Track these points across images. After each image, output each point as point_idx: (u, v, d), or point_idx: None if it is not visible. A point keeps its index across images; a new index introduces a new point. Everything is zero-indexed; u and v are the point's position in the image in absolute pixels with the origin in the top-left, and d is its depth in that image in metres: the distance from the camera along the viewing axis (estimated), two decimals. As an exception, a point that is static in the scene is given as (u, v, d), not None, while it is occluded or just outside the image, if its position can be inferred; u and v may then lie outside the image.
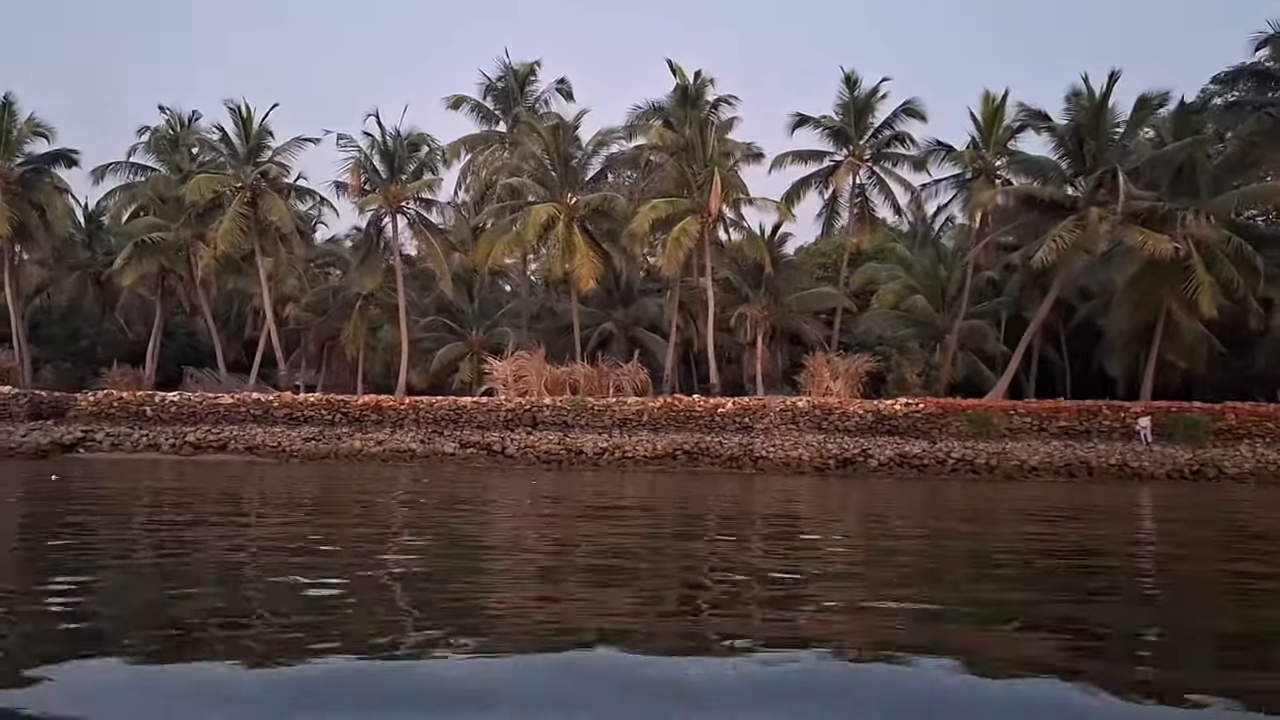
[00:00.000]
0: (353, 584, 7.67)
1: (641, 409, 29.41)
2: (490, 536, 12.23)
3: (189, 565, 8.90)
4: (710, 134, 31.16)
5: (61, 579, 7.82)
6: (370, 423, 30.77)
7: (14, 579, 8.03)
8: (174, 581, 8.03)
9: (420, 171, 34.23)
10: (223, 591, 7.46)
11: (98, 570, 8.50)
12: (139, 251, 34.64)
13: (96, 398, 31.59)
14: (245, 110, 32.27)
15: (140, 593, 7.59)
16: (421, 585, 7.89)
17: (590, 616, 6.54)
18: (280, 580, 7.91)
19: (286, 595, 7.23)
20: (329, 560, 9.19)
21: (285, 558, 9.30)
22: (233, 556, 9.43)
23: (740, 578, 8.43)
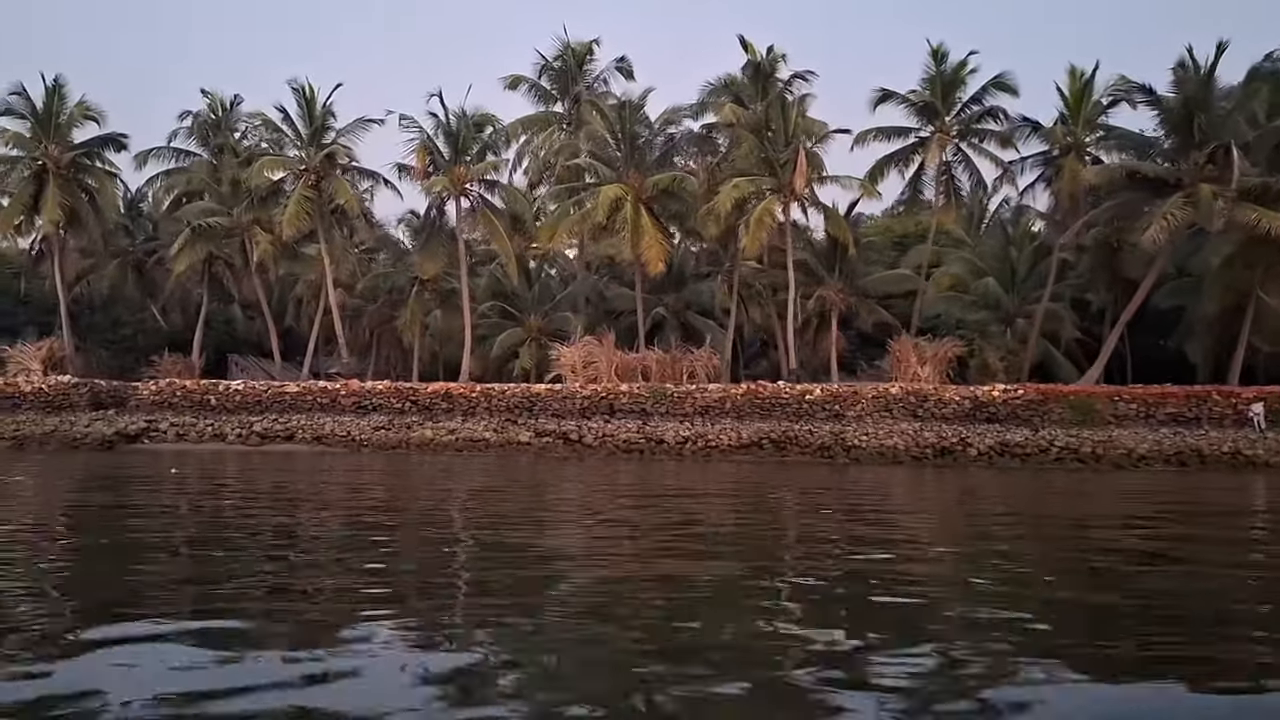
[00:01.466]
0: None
1: (724, 396, 28.71)
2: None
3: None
4: (793, 111, 30.29)
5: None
6: (440, 411, 30.24)
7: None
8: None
9: (483, 153, 33.55)
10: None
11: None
12: (195, 237, 34.19)
13: (158, 387, 31.20)
14: (308, 91, 31.67)
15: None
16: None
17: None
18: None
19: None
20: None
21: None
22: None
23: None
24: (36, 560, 8.52)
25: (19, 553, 8.89)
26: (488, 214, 33.48)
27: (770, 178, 29.95)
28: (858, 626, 6.00)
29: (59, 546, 9.60)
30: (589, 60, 38.56)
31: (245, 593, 6.96)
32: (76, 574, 7.95)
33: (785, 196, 29.78)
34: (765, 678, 4.68)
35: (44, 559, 8.66)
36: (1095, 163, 31.76)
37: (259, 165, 31.26)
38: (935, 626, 6.02)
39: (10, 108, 35.91)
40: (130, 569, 7.94)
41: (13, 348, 34.83)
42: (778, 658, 5.11)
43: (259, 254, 34.03)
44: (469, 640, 5.65)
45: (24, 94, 36.06)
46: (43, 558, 8.72)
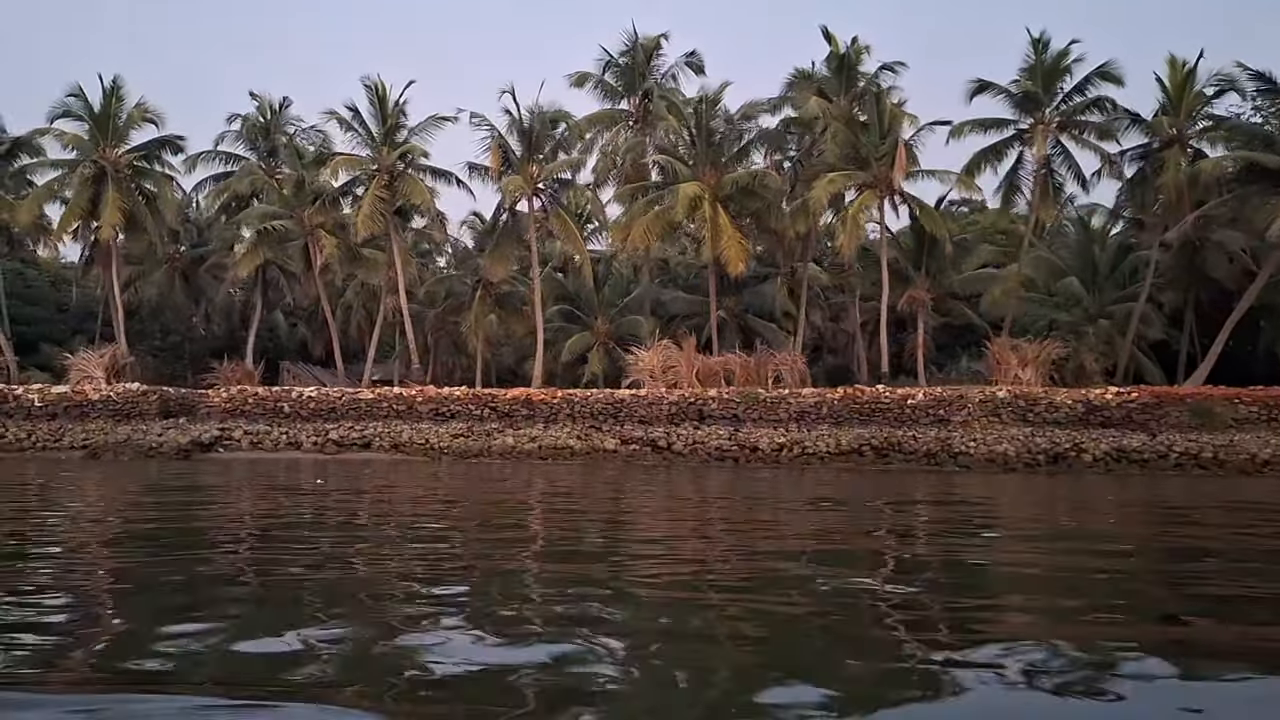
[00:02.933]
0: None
1: (820, 400, 28.06)
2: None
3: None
4: (886, 103, 29.69)
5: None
6: (521, 418, 29.73)
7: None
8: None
9: (556, 151, 33.11)
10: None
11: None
12: (260, 240, 33.91)
13: (229, 394, 30.88)
14: (381, 88, 31.32)
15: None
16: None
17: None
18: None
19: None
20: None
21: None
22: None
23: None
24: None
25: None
26: (561, 214, 33.02)
27: (862, 172, 29.32)
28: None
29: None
30: (657, 55, 38.08)
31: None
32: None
33: (881, 191, 29.12)
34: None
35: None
36: (1199, 156, 30.99)
37: (334, 164, 30.86)
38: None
39: (69, 109, 35.84)
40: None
41: (73, 355, 34.64)
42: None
43: (325, 257, 33.64)
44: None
45: (81, 95, 35.97)
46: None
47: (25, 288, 49.09)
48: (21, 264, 49.14)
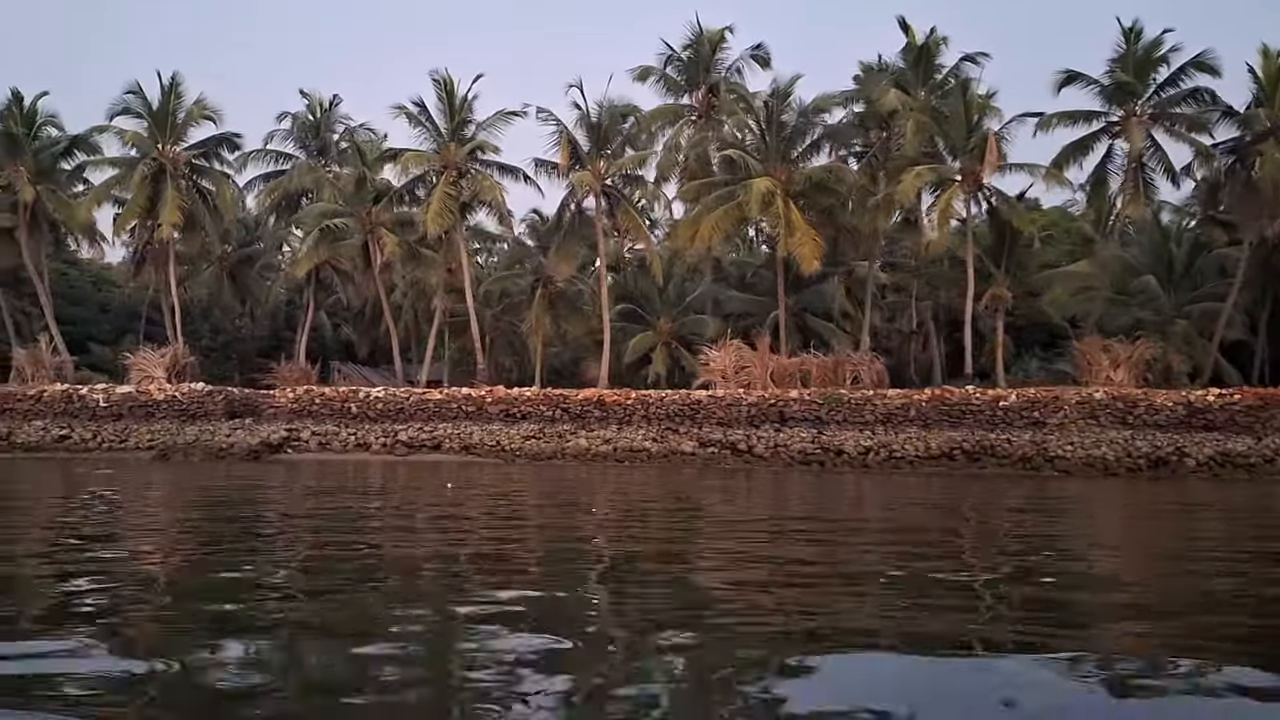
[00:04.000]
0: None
1: (907, 403, 27.52)
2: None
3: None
4: (973, 95, 29.13)
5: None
6: (593, 419, 29.38)
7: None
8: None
9: (624, 146, 32.75)
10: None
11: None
12: (322, 238, 33.77)
13: (296, 394, 30.72)
14: (449, 83, 31.07)
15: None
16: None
17: None
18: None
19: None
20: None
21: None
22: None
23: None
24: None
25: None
26: (630, 210, 32.66)
27: (949, 165, 28.76)
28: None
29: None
30: (721, 49, 37.61)
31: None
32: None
33: (969, 186, 28.56)
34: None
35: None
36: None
37: (403, 160, 30.63)
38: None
39: (128, 106, 35.88)
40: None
41: (132, 354, 34.66)
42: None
43: (387, 255, 33.44)
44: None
45: (140, 93, 36.02)
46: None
47: (69, 288, 49.36)
48: (64, 264, 49.44)
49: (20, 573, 8.27)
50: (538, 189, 32.80)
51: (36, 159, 36.57)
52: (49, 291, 39.36)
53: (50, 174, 37.39)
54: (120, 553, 9.67)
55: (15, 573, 8.24)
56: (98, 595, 6.96)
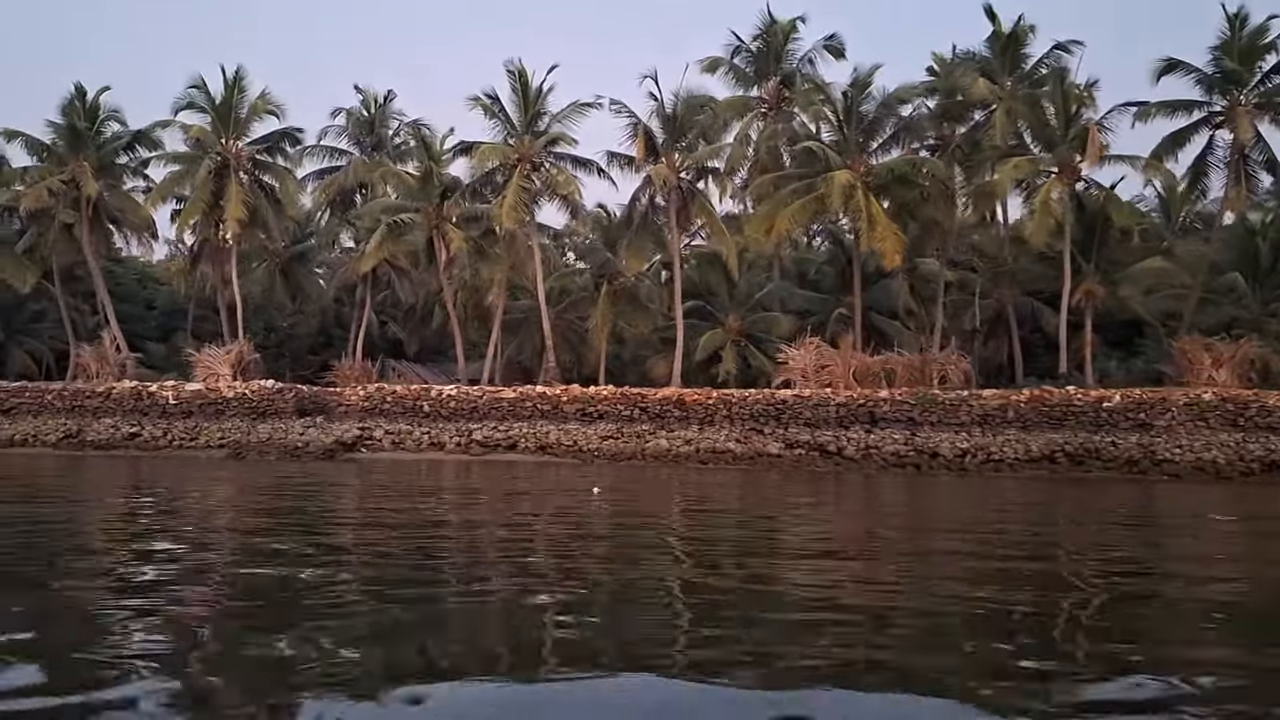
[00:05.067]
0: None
1: (1004, 403, 26.86)
2: None
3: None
4: (1070, 84, 28.42)
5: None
6: (673, 419, 28.96)
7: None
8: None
9: (699, 139, 32.30)
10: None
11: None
12: (389, 234, 33.58)
13: (367, 392, 30.56)
14: (523, 74, 30.77)
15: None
16: None
17: None
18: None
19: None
20: None
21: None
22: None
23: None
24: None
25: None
26: (705, 204, 32.22)
27: (1047, 156, 28.07)
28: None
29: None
30: (792, 39, 37.09)
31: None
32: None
33: (1067, 177, 27.85)
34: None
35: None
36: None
37: (480, 152, 30.35)
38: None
39: (192, 101, 35.93)
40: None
41: (198, 351, 34.69)
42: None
43: (454, 250, 33.18)
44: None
45: (203, 87, 36.05)
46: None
47: (115, 285, 49.67)
48: (110, 261, 49.78)
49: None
50: (611, 182, 32.35)
51: (99, 154, 36.73)
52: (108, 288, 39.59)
53: (112, 169, 37.57)
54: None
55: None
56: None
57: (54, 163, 36.13)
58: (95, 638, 6.26)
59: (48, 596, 7.72)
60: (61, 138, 36.52)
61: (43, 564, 9.35)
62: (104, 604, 7.36)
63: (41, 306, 43.81)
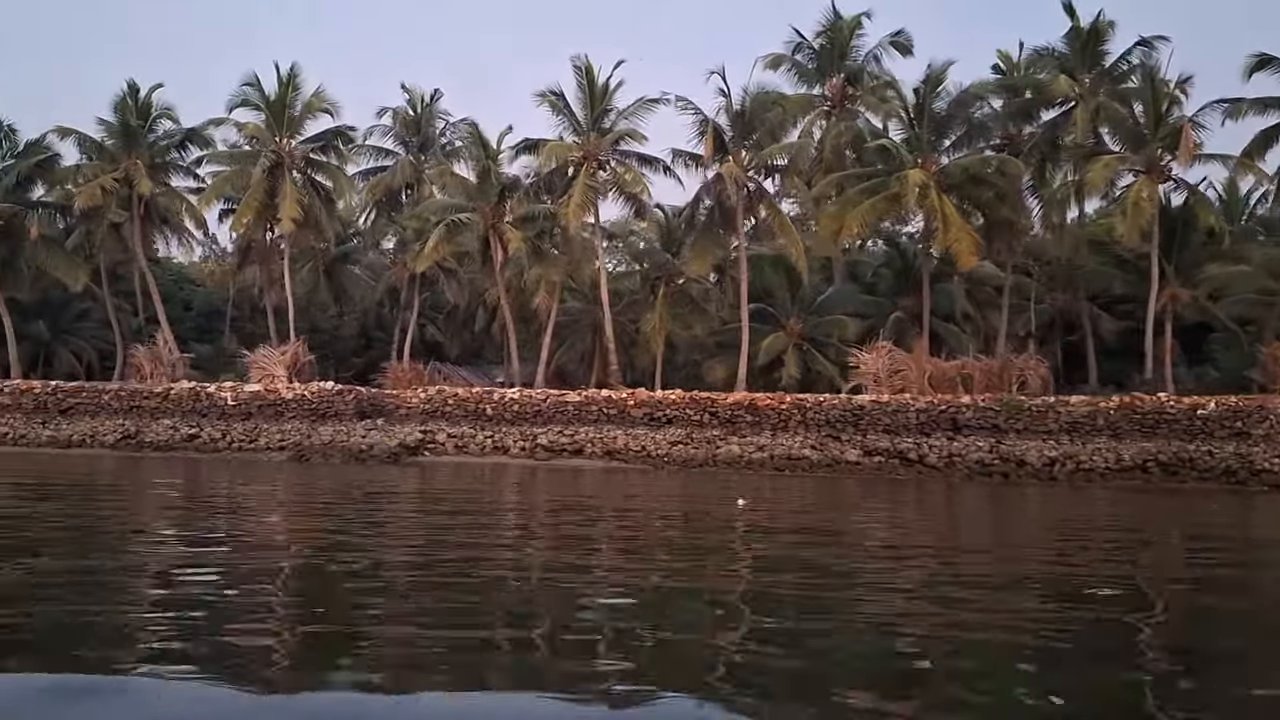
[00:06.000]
0: None
1: (1093, 410, 26.30)
2: None
3: None
4: (1160, 81, 27.86)
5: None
6: (745, 424, 28.56)
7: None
8: None
9: (768, 136, 31.91)
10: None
11: None
12: (448, 233, 33.36)
13: (428, 395, 30.35)
14: (589, 70, 30.51)
15: None
16: None
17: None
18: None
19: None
20: None
21: None
22: None
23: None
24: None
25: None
26: (773, 204, 31.84)
27: (1136, 155, 27.52)
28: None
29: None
30: (856, 36, 36.66)
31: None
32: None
33: (1157, 177, 27.28)
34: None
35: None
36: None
37: (547, 150, 30.10)
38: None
39: (246, 99, 35.92)
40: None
41: (251, 352, 34.63)
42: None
43: (512, 250, 32.92)
44: None
45: (257, 85, 36.04)
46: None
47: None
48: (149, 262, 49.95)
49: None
50: (678, 180, 32.01)
51: (151, 152, 36.79)
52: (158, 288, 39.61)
53: (164, 168, 37.63)
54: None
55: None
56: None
57: (106, 160, 36.20)
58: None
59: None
60: (114, 135, 36.62)
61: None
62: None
63: (86, 306, 44.00)
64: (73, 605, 7.81)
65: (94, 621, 7.35)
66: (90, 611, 7.60)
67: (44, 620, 7.37)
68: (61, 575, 9.18)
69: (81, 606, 7.77)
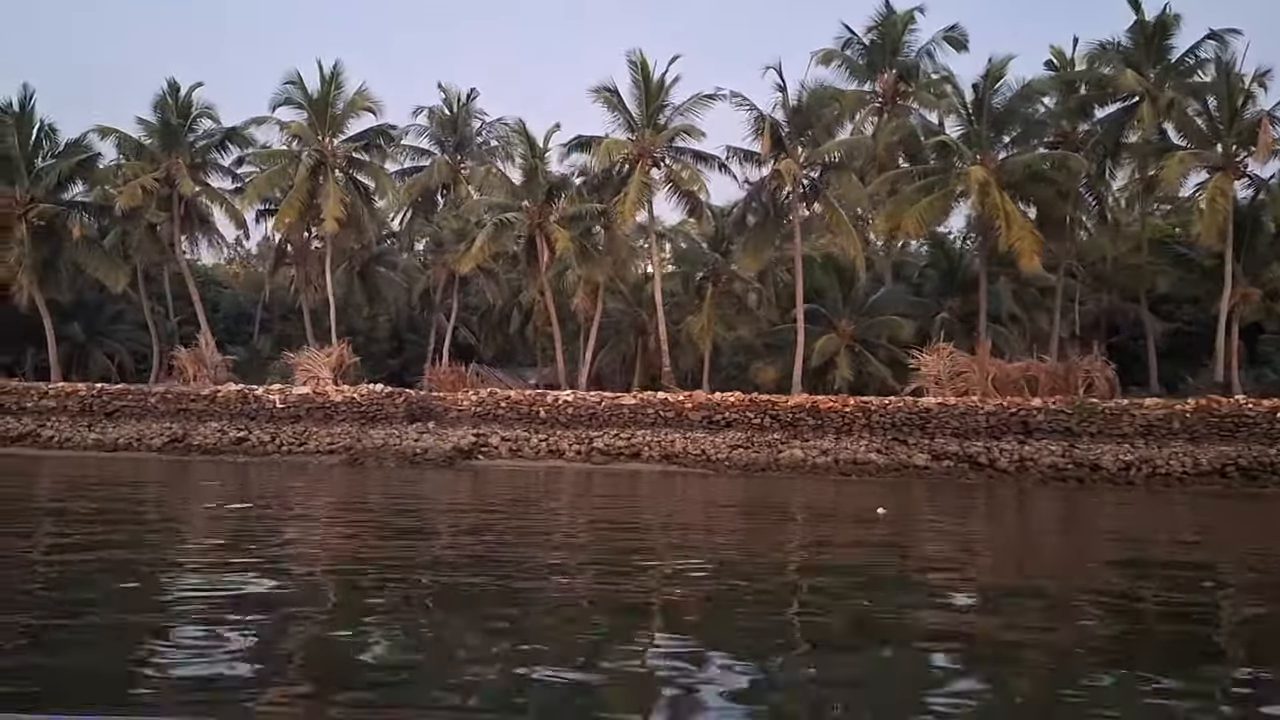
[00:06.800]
0: None
1: (1169, 413, 25.91)
2: None
3: None
4: (1236, 75, 27.48)
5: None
6: (807, 428, 28.27)
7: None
8: None
9: (825, 133, 31.65)
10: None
11: None
12: (496, 233, 33.18)
13: (480, 397, 30.15)
14: (644, 65, 30.27)
15: None
16: None
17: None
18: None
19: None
20: None
21: None
22: None
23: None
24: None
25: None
26: (831, 202, 31.56)
27: (1211, 151, 27.16)
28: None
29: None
30: (909, 31, 36.32)
31: None
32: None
33: (1233, 173, 26.91)
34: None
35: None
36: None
37: (603, 147, 29.88)
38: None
39: (289, 97, 35.84)
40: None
41: (296, 354, 34.51)
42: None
43: (560, 250, 32.69)
44: None
45: (299, 83, 35.94)
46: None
47: (181, 287, 49.87)
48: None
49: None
50: (734, 178, 31.75)
51: (191, 152, 36.74)
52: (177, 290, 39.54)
53: (203, 167, 37.58)
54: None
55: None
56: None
57: (146, 160, 36.14)
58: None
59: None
60: (153, 135, 36.57)
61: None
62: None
63: (119, 308, 44.03)
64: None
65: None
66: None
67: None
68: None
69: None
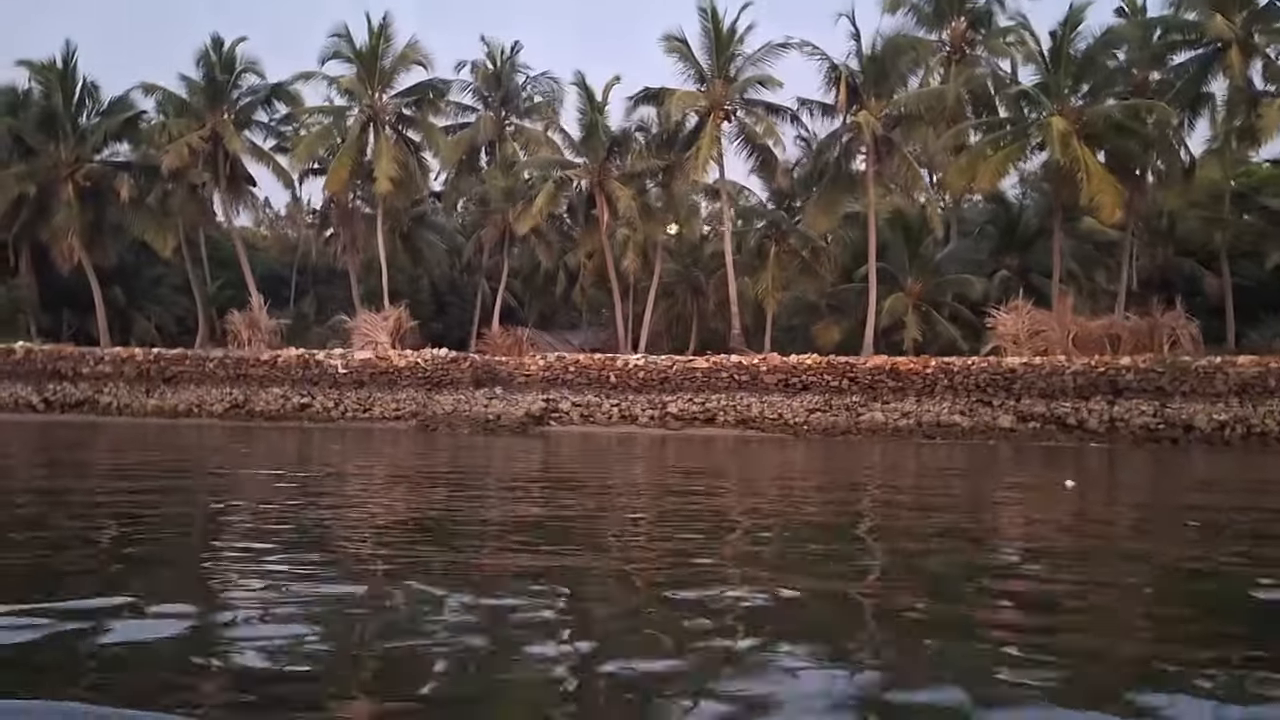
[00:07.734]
0: None
1: (1264, 371, 25.60)
2: None
3: None
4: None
5: None
6: (887, 390, 28.07)
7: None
8: None
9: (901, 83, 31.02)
10: None
11: None
12: (557, 191, 32.78)
13: (548, 362, 30.00)
14: (714, 13, 29.58)
15: None
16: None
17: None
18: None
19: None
20: None
21: None
22: None
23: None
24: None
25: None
26: (906, 156, 31.03)
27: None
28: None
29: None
30: (979, -25, 35.44)
31: None
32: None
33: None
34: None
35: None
36: None
37: (676, 98, 29.27)
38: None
39: (337, 50, 35.22)
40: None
41: (349, 318, 34.35)
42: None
43: (622, 209, 32.29)
44: None
45: (347, 36, 35.31)
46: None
47: (214, 250, 49.63)
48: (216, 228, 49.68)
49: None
50: (804, 129, 31.20)
51: (236, 109, 36.25)
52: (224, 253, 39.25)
53: (248, 125, 37.10)
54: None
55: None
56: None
57: (191, 118, 35.65)
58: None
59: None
60: (196, 92, 36.03)
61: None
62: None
63: (158, 272, 43.84)
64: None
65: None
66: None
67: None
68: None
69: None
